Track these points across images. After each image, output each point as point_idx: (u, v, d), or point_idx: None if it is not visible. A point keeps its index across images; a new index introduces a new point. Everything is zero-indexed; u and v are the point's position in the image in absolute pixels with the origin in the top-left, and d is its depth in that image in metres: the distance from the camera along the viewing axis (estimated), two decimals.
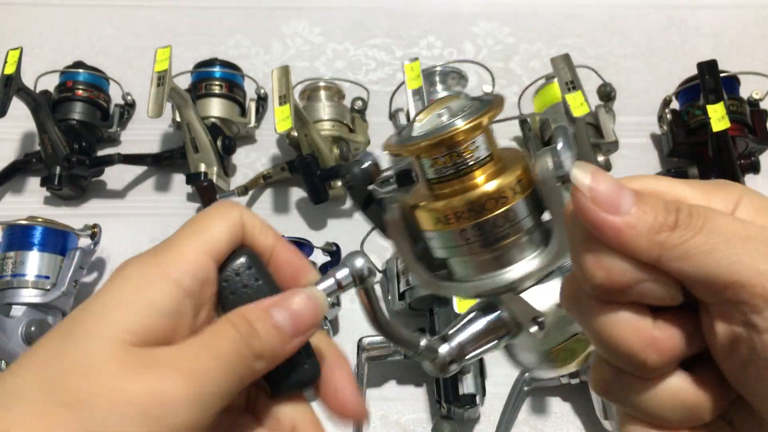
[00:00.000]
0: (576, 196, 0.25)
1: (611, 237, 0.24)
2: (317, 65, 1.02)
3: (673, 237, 0.24)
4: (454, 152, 0.31)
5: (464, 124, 0.30)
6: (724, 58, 0.84)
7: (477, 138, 0.31)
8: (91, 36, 1.05)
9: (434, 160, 0.32)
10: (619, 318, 0.25)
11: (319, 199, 0.82)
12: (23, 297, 0.71)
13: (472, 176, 0.32)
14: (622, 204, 0.24)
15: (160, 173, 0.91)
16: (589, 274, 0.25)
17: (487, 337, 0.33)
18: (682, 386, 0.26)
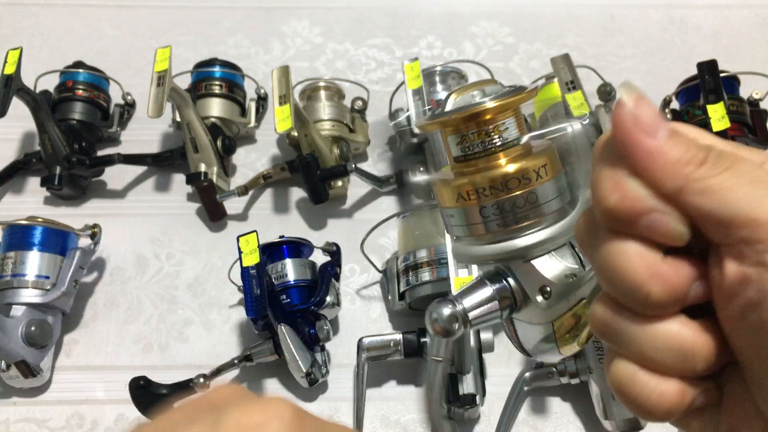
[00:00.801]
0: (618, 112, 0.25)
1: (641, 157, 0.24)
2: (317, 65, 1.02)
3: (700, 171, 0.24)
4: (483, 130, 0.32)
5: (496, 102, 0.31)
6: (724, 58, 0.84)
7: (507, 120, 0.32)
8: (91, 36, 1.05)
9: (462, 137, 0.32)
10: (628, 247, 0.25)
11: (319, 199, 0.82)
12: (23, 297, 0.71)
13: (498, 156, 0.32)
14: (659, 130, 0.25)
15: (160, 173, 0.91)
16: (604, 195, 0.25)
17: (492, 306, 0.34)
18: (680, 330, 0.26)
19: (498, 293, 0.34)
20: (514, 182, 0.32)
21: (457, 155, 0.33)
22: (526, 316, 0.35)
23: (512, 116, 0.32)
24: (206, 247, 0.84)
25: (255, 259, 0.69)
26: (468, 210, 0.33)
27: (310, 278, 0.74)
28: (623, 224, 0.25)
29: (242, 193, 0.84)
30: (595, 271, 0.27)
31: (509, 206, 0.32)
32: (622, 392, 0.27)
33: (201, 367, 0.69)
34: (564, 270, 0.33)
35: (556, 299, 0.33)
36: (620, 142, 0.25)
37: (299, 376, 0.69)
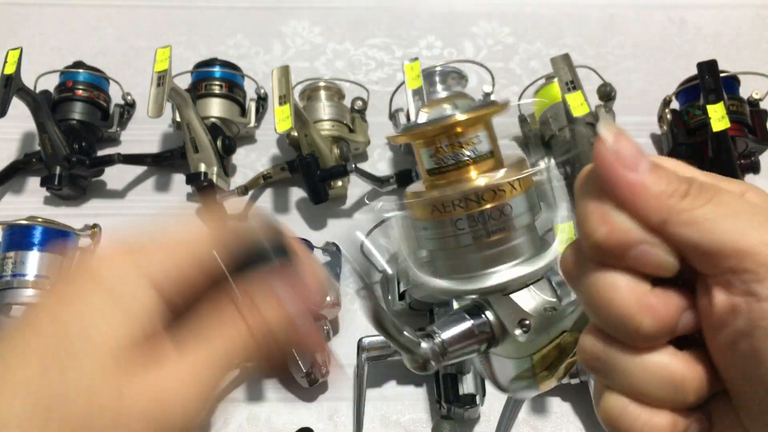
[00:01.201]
0: (599, 148, 0.25)
1: (624, 192, 0.25)
2: (317, 65, 1.02)
3: (683, 203, 0.25)
4: (456, 143, 0.32)
5: (467, 115, 0.31)
6: (724, 58, 0.84)
7: (479, 133, 0.32)
8: (91, 36, 1.05)
9: (436, 149, 0.32)
10: (617, 279, 0.25)
11: (319, 199, 0.82)
12: (23, 297, 0.71)
13: (470, 169, 0.32)
14: (640, 164, 0.25)
15: (160, 173, 0.91)
16: (591, 229, 0.25)
17: (471, 340, 0.33)
18: (670, 361, 0.26)
19: (477, 327, 0.33)
20: (489, 194, 0.32)
21: (429, 168, 0.33)
22: (504, 351, 0.34)
23: (484, 129, 0.32)
24: None
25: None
26: (441, 223, 0.33)
27: None
28: (612, 257, 0.25)
29: (242, 193, 0.84)
30: (584, 303, 0.27)
31: (483, 219, 0.32)
32: (613, 426, 0.27)
33: None
34: (543, 303, 0.33)
35: (535, 333, 0.33)
36: (603, 178, 0.25)
37: (299, 376, 0.68)
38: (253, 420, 0.72)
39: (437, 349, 0.33)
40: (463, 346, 0.33)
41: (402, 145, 0.87)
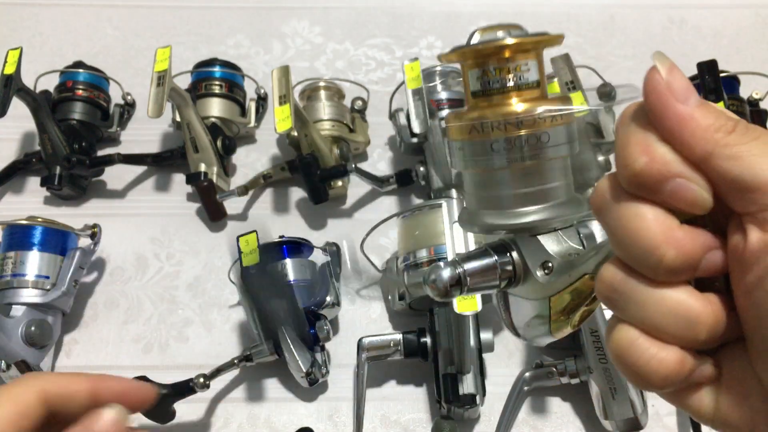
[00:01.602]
0: (653, 77, 0.26)
1: (672, 122, 0.25)
2: (317, 65, 1.02)
3: (729, 138, 0.25)
4: (504, 67, 0.32)
5: (518, 40, 0.31)
6: (724, 58, 0.84)
7: (530, 61, 0.32)
8: (91, 36, 1.05)
9: (483, 71, 0.32)
10: (647, 210, 0.26)
11: (319, 199, 0.82)
12: (23, 297, 0.71)
13: (514, 95, 0.32)
14: (690, 98, 0.25)
15: (160, 173, 0.91)
16: (632, 158, 0.26)
17: (492, 275, 0.34)
18: (687, 298, 0.26)
19: (500, 264, 0.34)
20: (529, 122, 0.32)
21: (475, 90, 0.33)
22: (524, 291, 0.35)
23: (534, 58, 0.33)
24: (206, 247, 0.84)
25: (255, 259, 0.69)
26: (478, 143, 0.33)
27: (310, 278, 0.74)
28: (648, 188, 0.25)
29: (242, 193, 0.84)
30: (610, 234, 0.27)
31: (519, 143, 0.32)
32: (621, 357, 0.27)
33: (201, 367, 0.69)
34: (568, 249, 0.33)
35: (556, 275, 0.33)
36: (652, 107, 0.26)
37: (299, 376, 0.69)
38: (253, 420, 0.72)
39: (458, 277, 0.33)
40: (484, 280, 0.34)
41: (402, 144, 0.87)
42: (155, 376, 0.66)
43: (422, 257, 0.72)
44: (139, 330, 0.78)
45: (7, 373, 0.69)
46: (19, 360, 0.68)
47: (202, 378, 0.66)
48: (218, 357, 0.73)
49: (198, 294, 0.80)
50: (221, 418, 0.72)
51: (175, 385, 0.66)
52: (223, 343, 0.77)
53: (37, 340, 0.70)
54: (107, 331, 0.78)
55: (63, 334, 0.77)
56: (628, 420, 0.64)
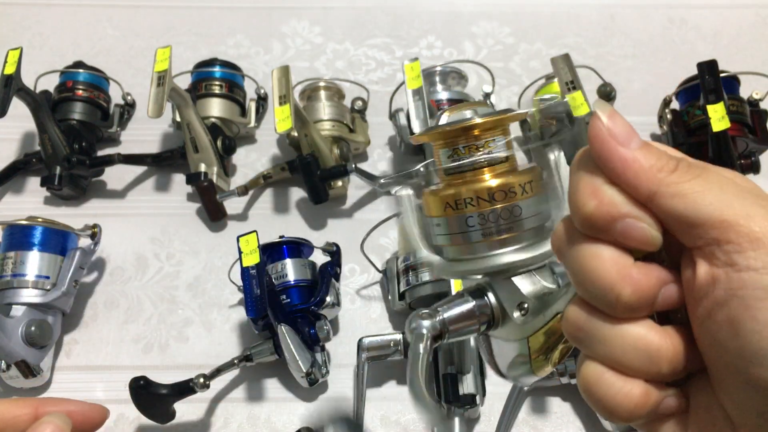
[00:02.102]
0: (594, 124, 0.27)
1: (617, 165, 0.26)
2: (317, 65, 1.02)
3: (672, 177, 0.26)
4: (473, 145, 0.34)
5: (486, 119, 0.33)
6: (724, 58, 0.84)
7: (497, 137, 0.34)
8: (91, 36, 1.05)
9: (454, 150, 0.34)
10: (602, 251, 0.27)
11: (319, 199, 0.82)
12: (23, 297, 0.71)
13: (485, 171, 0.34)
14: (632, 141, 0.27)
15: (160, 173, 0.91)
16: (582, 202, 0.27)
17: (471, 320, 0.35)
18: (647, 332, 0.27)
19: (478, 308, 0.35)
20: (500, 195, 0.33)
21: (447, 167, 0.35)
22: (503, 333, 0.36)
23: (501, 134, 0.34)
24: (206, 247, 0.84)
25: (255, 259, 0.69)
26: (453, 219, 0.34)
27: (310, 278, 0.74)
28: (600, 229, 0.27)
29: (242, 193, 0.84)
30: (570, 274, 0.28)
31: (493, 217, 0.33)
32: (589, 392, 0.28)
33: (201, 367, 0.69)
34: (542, 289, 0.34)
35: (532, 315, 0.34)
36: (596, 152, 0.27)
37: (299, 376, 0.69)
38: (253, 420, 0.72)
39: (438, 326, 0.34)
40: (464, 326, 0.35)
41: (402, 144, 0.87)
42: (155, 376, 0.66)
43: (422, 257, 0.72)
44: (139, 330, 0.78)
45: (7, 373, 0.69)
46: (19, 360, 0.68)
47: (202, 378, 0.66)
48: (218, 357, 0.73)
49: (198, 294, 0.80)
50: (221, 418, 0.72)
51: (175, 385, 0.66)
52: (223, 343, 0.77)
53: (37, 340, 0.70)
54: (107, 331, 0.78)
55: (63, 334, 0.77)
56: None
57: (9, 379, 0.71)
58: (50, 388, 0.74)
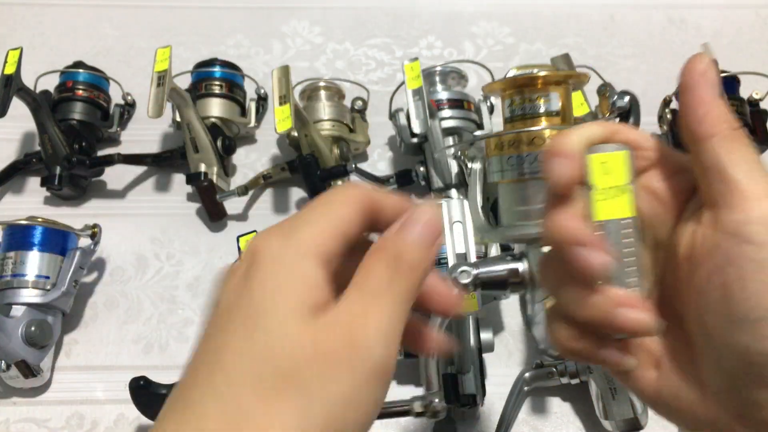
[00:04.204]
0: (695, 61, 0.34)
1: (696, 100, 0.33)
2: (317, 65, 1.02)
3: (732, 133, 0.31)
4: (527, 97, 0.38)
5: (540, 74, 0.38)
6: (724, 58, 0.84)
7: (551, 93, 0.38)
8: (91, 36, 1.05)
9: (512, 101, 0.39)
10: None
11: None
12: (23, 297, 0.71)
13: (535, 121, 0.38)
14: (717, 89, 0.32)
15: (160, 173, 0.91)
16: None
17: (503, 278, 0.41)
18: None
19: (510, 271, 0.41)
20: (539, 140, 0.38)
21: (506, 116, 0.40)
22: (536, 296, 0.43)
23: (556, 92, 0.38)
24: (206, 247, 0.84)
25: None
26: (499, 158, 0.39)
27: None
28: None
29: (242, 193, 0.84)
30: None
31: (531, 159, 0.38)
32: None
33: None
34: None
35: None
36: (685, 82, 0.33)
37: None
38: None
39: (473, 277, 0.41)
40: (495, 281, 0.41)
41: (402, 144, 0.87)
42: (155, 376, 0.66)
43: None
44: (139, 330, 0.78)
45: (7, 373, 0.69)
46: (19, 360, 0.68)
47: None
48: None
49: (198, 294, 0.80)
50: None
51: None
52: None
53: (37, 340, 0.70)
54: (107, 331, 0.78)
55: (63, 334, 0.77)
56: (628, 420, 0.64)
57: (9, 379, 0.71)
58: (50, 388, 0.74)
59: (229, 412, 0.25)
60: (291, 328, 0.27)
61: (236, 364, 0.27)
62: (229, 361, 0.27)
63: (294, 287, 0.28)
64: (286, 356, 0.26)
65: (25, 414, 0.72)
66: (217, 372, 0.27)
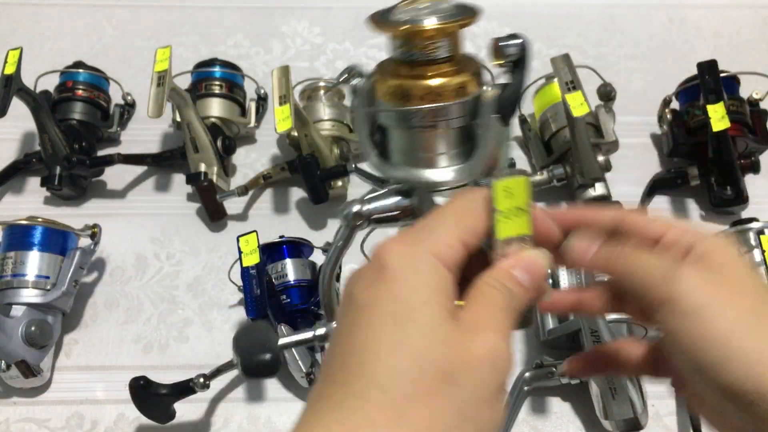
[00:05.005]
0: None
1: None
2: (317, 65, 1.02)
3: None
4: (417, 44, 0.37)
5: (428, 26, 0.36)
6: (724, 58, 0.84)
7: (441, 40, 0.37)
8: (91, 36, 1.05)
9: (401, 44, 0.38)
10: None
11: (319, 199, 0.82)
12: (23, 297, 0.71)
13: (426, 69, 0.38)
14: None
15: (160, 173, 0.91)
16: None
17: (393, 212, 0.42)
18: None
19: (400, 206, 0.42)
20: (430, 96, 0.38)
21: (396, 57, 0.40)
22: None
23: (445, 38, 0.37)
24: (206, 247, 0.84)
25: (255, 259, 0.69)
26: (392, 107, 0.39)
27: (310, 278, 0.74)
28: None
29: (242, 193, 0.84)
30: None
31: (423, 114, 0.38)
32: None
33: (201, 367, 0.69)
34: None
35: None
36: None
37: (299, 376, 0.68)
38: (253, 420, 0.72)
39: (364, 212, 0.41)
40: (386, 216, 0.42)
41: None
42: (155, 376, 0.66)
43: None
44: (139, 330, 0.78)
45: (7, 373, 0.69)
46: (19, 360, 0.68)
47: (202, 378, 0.66)
48: (218, 357, 0.73)
49: (198, 294, 0.80)
50: (221, 418, 0.72)
51: (175, 385, 0.66)
52: (223, 343, 0.77)
53: (37, 340, 0.70)
54: (107, 331, 0.78)
55: (63, 334, 0.77)
56: (628, 420, 0.64)
57: (9, 379, 0.71)
58: (50, 388, 0.74)
59: (394, 403, 0.27)
60: (443, 331, 0.29)
61: (394, 359, 0.28)
62: (385, 355, 0.28)
63: (435, 292, 0.30)
64: (443, 357, 0.28)
65: (25, 414, 0.72)
66: (375, 364, 0.28)
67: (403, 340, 0.28)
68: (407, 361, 0.28)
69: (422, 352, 0.28)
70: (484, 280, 0.32)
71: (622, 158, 0.88)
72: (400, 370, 0.28)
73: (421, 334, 0.28)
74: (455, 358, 0.28)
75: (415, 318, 0.29)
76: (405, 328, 0.28)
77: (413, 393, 0.27)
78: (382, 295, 0.30)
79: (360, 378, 0.28)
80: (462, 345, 0.29)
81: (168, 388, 0.65)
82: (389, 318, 0.29)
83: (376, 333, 0.29)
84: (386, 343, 0.28)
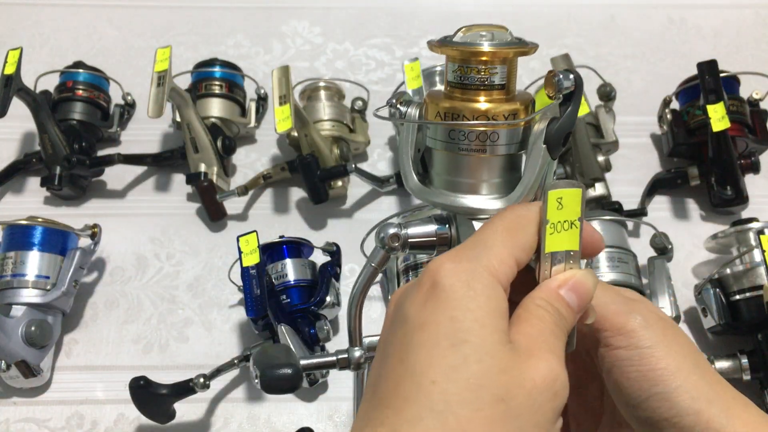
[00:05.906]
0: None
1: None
2: (317, 65, 1.02)
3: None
4: (473, 68, 0.37)
5: (487, 48, 0.37)
6: (724, 58, 0.84)
7: (497, 66, 0.37)
8: (91, 36, 1.05)
9: (458, 67, 0.38)
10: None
11: (319, 199, 0.82)
12: (23, 297, 0.71)
13: (479, 93, 0.38)
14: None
15: (160, 173, 0.91)
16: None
17: (430, 240, 0.41)
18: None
19: (438, 234, 0.40)
20: (482, 118, 0.37)
21: (450, 80, 0.39)
22: None
23: (502, 65, 0.37)
24: (206, 247, 0.84)
25: (255, 259, 0.69)
26: (440, 128, 0.39)
27: (310, 278, 0.74)
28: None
29: (242, 193, 0.84)
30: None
31: (471, 135, 0.38)
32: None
33: (201, 367, 0.69)
34: None
35: None
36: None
37: None
38: (253, 420, 0.72)
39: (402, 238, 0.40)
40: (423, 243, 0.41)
41: None
42: (155, 376, 0.66)
43: (422, 257, 0.72)
44: (139, 330, 0.78)
45: (7, 373, 0.69)
46: (19, 360, 0.68)
47: (202, 378, 0.66)
48: (218, 357, 0.73)
49: (198, 294, 0.80)
50: (221, 418, 0.72)
51: (175, 385, 0.66)
52: (223, 343, 0.77)
53: (37, 340, 0.70)
54: (107, 331, 0.78)
55: (63, 334, 0.77)
56: None
57: (9, 379, 0.71)
58: (50, 388, 0.74)
59: (449, 431, 0.26)
60: (500, 356, 0.28)
61: (451, 384, 0.27)
62: (441, 379, 0.27)
63: (490, 312, 0.29)
64: (499, 383, 0.27)
65: (25, 414, 0.72)
66: (429, 389, 0.27)
67: (460, 364, 0.27)
68: (463, 386, 0.27)
69: (479, 378, 0.27)
70: (533, 300, 0.31)
71: (622, 158, 0.88)
72: (456, 395, 0.27)
73: (477, 358, 0.28)
74: (512, 384, 0.28)
75: (471, 341, 0.28)
76: (461, 352, 0.28)
77: (469, 419, 0.27)
78: (438, 315, 0.29)
79: (413, 403, 0.27)
80: (518, 371, 0.28)
81: (168, 388, 0.65)
82: (444, 340, 0.28)
83: (430, 356, 0.28)
84: (441, 367, 0.28)
